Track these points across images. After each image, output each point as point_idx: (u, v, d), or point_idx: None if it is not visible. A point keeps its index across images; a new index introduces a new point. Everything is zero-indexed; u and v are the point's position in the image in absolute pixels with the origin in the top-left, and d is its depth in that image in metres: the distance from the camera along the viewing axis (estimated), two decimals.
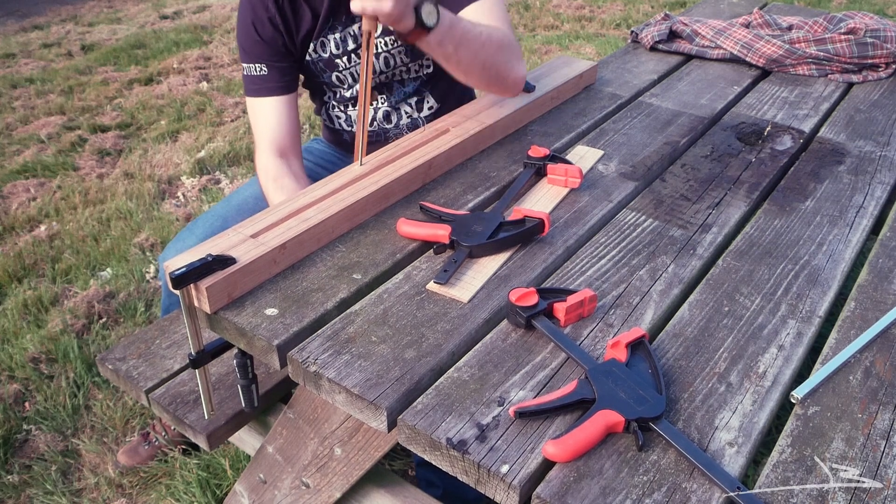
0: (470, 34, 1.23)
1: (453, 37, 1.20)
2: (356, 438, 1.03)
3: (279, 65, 1.40)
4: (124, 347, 1.30)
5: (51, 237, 2.62)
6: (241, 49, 1.41)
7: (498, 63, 1.30)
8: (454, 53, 1.23)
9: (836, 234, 1.17)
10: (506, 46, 1.30)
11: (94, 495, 1.67)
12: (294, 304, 0.96)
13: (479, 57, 1.26)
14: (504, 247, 1.07)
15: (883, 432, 0.81)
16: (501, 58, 1.30)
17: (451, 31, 1.19)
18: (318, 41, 1.41)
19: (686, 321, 0.97)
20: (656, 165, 1.35)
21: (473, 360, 0.89)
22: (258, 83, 1.40)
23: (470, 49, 1.24)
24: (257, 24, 1.37)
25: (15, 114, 3.65)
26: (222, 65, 4.28)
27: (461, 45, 1.22)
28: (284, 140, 1.41)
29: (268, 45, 1.38)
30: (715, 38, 1.88)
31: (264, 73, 1.39)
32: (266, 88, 1.40)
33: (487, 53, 1.27)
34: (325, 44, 1.41)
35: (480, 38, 1.24)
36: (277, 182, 1.37)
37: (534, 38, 4.55)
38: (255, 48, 1.38)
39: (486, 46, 1.26)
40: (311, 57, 1.43)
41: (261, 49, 1.38)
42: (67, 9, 5.55)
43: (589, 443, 0.77)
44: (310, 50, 1.42)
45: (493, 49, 1.27)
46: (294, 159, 1.42)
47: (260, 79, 1.40)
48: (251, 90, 1.41)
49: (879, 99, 1.69)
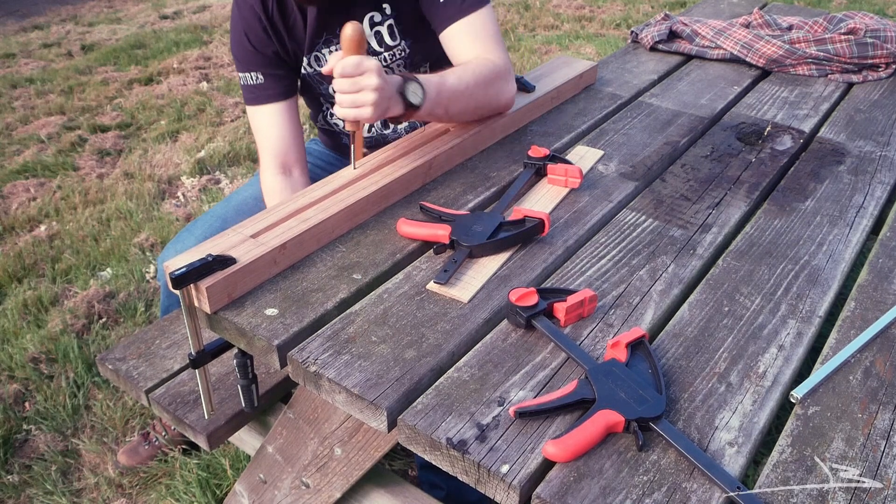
0: (457, 91, 1.24)
1: (440, 102, 1.21)
2: (356, 438, 1.03)
3: (274, 72, 1.39)
4: (124, 347, 1.30)
5: (51, 237, 2.62)
6: (236, 59, 1.41)
7: (488, 99, 1.32)
8: (445, 114, 1.26)
9: (836, 234, 1.17)
10: (493, 80, 1.31)
11: (94, 495, 1.67)
12: (294, 304, 0.96)
13: (470, 105, 1.29)
14: (504, 247, 1.07)
15: (883, 432, 0.81)
16: (491, 92, 1.32)
17: (439, 98, 1.20)
18: (312, 55, 1.40)
19: (686, 321, 0.97)
20: (656, 165, 1.36)
21: (473, 360, 0.89)
22: (255, 92, 1.39)
23: (459, 104, 1.26)
24: (249, 34, 1.36)
25: (15, 114, 3.65)
26: (222, 65, 4.28)
27: (451, 103, 1.24)
28: (287, 152, 1.41)
29: (261, 54, 1.37)
30: (715, 39, 1.88)
31: (260, 81, 1.38)
32: (264, 96, 1.39)
33: (477, 99, 1.29)
34: (319, 58, 1.40)
35: (468, 89, 1.26)
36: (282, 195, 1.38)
37: (534, 38, 4.55)
38: (249, 57, 1.38)
39: (474, 93, 1.27)
40: (307, 70, 1.43)
41: (254, 58, 1.38)
42: (67, 9, 5.55)
43: (589, 443, 0.77)
44: (304, 63, 1.42)
45: (482, 90, 1.29)
46: (297, 172, 1.43)
47: (256, 87, 1.39)
48: (249, 99, 1.41)
49: (879, 99, 1.69)
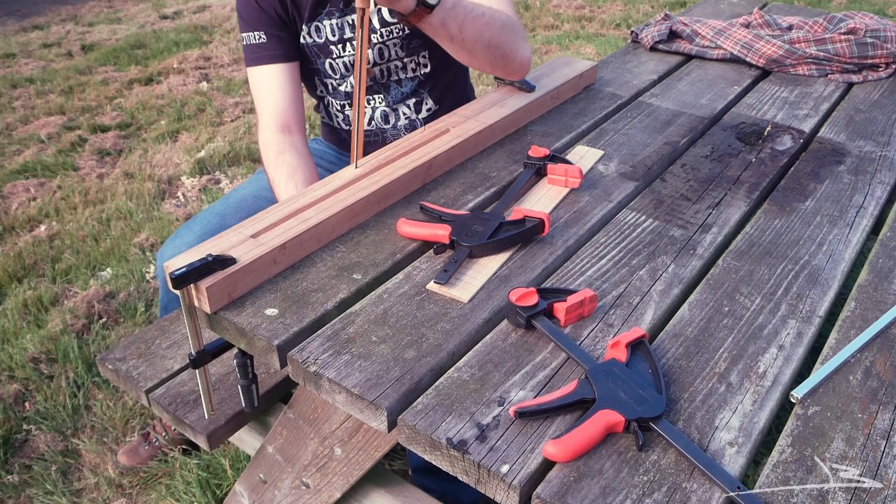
0: (473, 13, 1.21)
1: (456, 16, 1.17)
2: (356, 438, 1.03)
3: (277, 33, 1.39)
4: (124, 347, 1.30)
5: (51, 237, 2.62)
6: (240, 18, 1.41)
7: (503, 43, 1.28)
8: (458, 33, 1.20)
9: (836, 234, 1.17)
10: (510, 27, 1.28)
11: (94, 495, 1.67)
12: (294, 304, 0.96)
13: (484, 36, 1.24)
14: (504, 247, 1.07)
15: (883, 432, 0.81)
16: (506, 38, 1.28)
17: (454, 10, 1.17)
18: (313, 24, 1.40)
19: (686, 321, 0.97)
20: (656, 165, 1.36)
21: (473, 360, 0.89)
22: (257, 51, 1.39)
23: (474, 28, 1.21)
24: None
25: (15, 114, 3.65)
26: (222, 65, 4.28)
27: (465, 24, 1.19)
28: (287, 112, 1.40)
29: (265, 14, 1.38)
30: (715, 38, 1.88)
31: (263, 40, 1.38)
32: (266, 56, 1.39)
33: (492, 33, 1.25)
34: (319, 28, 1.40)
35: (484, 18, 1.23)
36: (280, 158, 1.35)
37: (534, 38, 4.55)
38: (253, 16, 1.38)
39: (490, 26, 1.24)
40: (305, 41, 1.42)
41: (259, 17, 1.38)
42: (67, 9, 5.55)
43: (589, 443, 0.77)
44: (304, 33, 1.41)
45: (498, 29, 1.25)
46: (297, 133, 1.40)
47: (258, 47, 1.39)
48: (251, 59, 1.40)
49: (879, 99, 1.69)
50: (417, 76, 1.50)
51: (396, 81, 1.49)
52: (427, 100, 1.53)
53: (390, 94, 1.50)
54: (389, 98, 1.51)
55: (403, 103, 1.52)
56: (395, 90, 1.50)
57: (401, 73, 1.48)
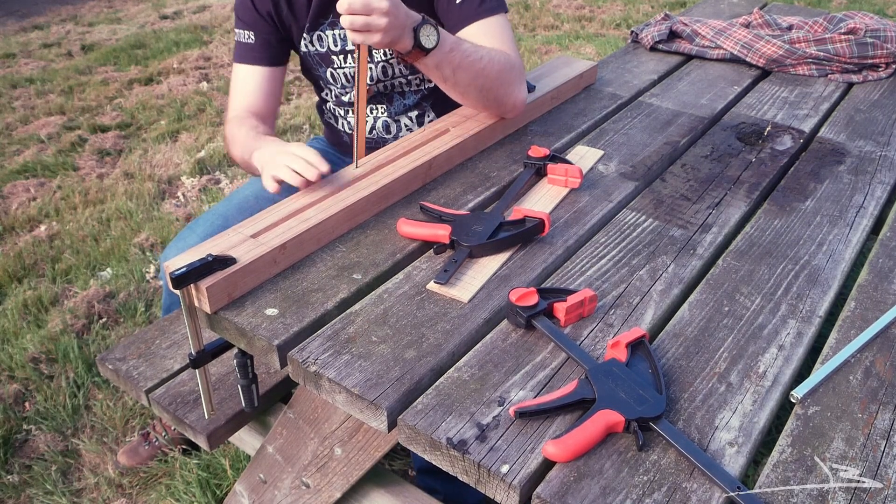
0: (470, 58, 1.22)
1: (451, 60, 1.19)
2: (356, 438, 1.03)
3: (266, 37, 1.41)
4: (124, 347, 1.30)
5: (51, 237, 2.62)
6: (236, 15, 1.43)
7: (496, 88, 1.30)
8: (451, 76, 1.23)
9: (836, 234, 1.17)
10: (506, 71, 1.29)
11: (94, 495, 1.67)
12: (294, 304, 0.96)
13: (478, 81, 1.26)
14: (504, 247, 1.07)
15: (883, 432, 0.81)
16: (501, 83, 1.30)
17: (451, 55, 1.19)
18: (315, 34, 1.40)
19: (686, 321, 0.97)
20: (656, 165, 1.36)
21: (473, 360, 0.89)
22: (244, 50, 1.42)
23: (468, 73, 1.24)
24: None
25: (15, 114, 3.65)
26: (222, 65, 4.28)
27: (459, 68, 1.22)
28: (259, 107, 1.42)
29: (259, 16, 1.39)
30: (715, 38, 1.88)
31: (251, 41, 1.40)
32: (251, 57, 1.41)
33: (487, 78, 1.27)
34: (322, 38, 1.41)
35: (481, 63, 1.24)
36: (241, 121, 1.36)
37: (534, 38, 4.55)
38: (248, 16, 1.40)
39: (485, 71, 1.25)
40: (307, 49, 1.43)
41: (253, 18, 1.39)
42: (67, 9, 5.55)
43: (589, 443, 0.77)
44: (305, 41, 1.42)
45: (494, 74, 1.27)
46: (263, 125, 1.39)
47: (247, 46, 1.41)
48: (238, 55, 1.43)
49: (879, 99, 1.69)
50: (421, 90, 1.50)
51: (400, 93, 1.50)
52: (429, 112, 1.53)
53: (393, 105, 1.51)
54: (392, 109, 1.51)
55: (406, 114, 1.52)
56: (398, 101, 1.50)
57: (405, 87, 1.49)
